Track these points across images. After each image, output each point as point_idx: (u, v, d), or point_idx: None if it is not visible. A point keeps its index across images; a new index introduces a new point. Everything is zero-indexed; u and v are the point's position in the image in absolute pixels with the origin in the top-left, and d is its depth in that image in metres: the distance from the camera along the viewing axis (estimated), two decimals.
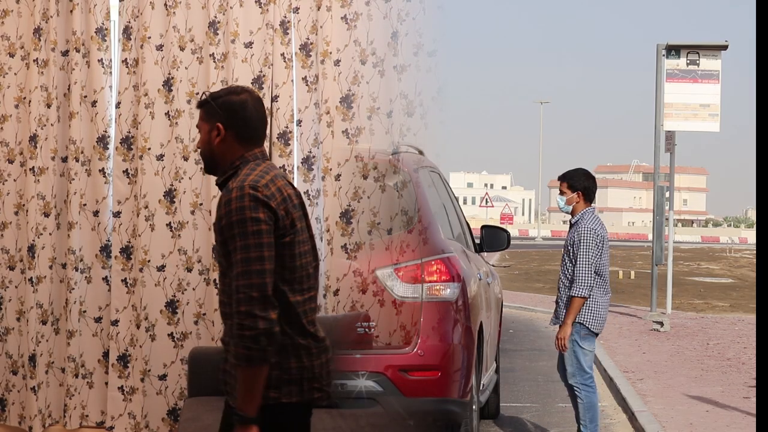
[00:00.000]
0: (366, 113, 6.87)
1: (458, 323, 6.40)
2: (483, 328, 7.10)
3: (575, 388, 7.38)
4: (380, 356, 6.15)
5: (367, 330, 6.17)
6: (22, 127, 7.30)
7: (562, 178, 7.49)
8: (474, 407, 6.70)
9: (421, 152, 7.13)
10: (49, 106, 7.20)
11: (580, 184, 7.39)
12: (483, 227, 8.22)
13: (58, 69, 7.21)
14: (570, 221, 7.51)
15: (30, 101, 7.21)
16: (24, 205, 7.25)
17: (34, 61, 7.19)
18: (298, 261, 3.75)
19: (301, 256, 3.77)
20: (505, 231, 8.25)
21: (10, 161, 7.32)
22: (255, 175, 3.72)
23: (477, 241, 8.23)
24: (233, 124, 3.83)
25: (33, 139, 7.19)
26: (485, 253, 8.53)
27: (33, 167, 7.20)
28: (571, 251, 7.31)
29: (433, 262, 6.33)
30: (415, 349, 6.19)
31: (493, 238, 8.12)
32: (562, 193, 7.44)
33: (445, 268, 6.34)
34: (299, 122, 6.93)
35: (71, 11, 7.13)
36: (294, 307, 3.72)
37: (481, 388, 7.16)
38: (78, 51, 7.14)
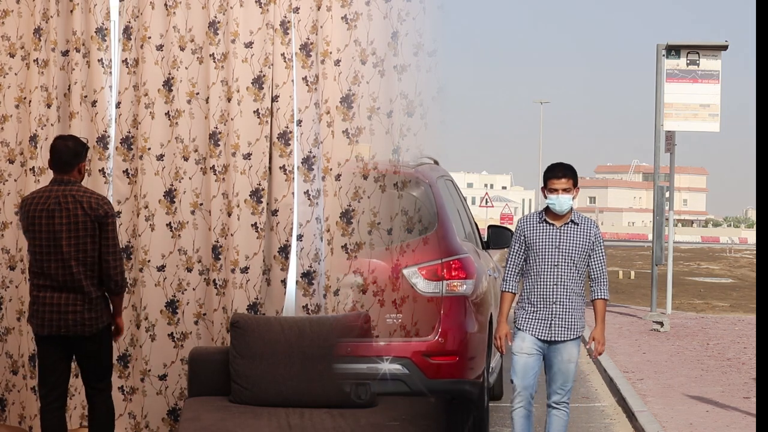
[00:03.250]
0: (366, 113, 6.88)
1: (472, 315, 7.24)
2: (492, 318, 7.67)
3: (564, 405, 6.64)
4: (406, 343, 7.03)
5: (395, 320, 7.05)
6: (22, 127, 7.30)
7: (563, 174, 6.50)
8: (485, 388, 7.52)
9: (436, 162, 7.88)
10: (49, 106, 7.20)
11: (577, 180, 6.59)
12: (489, 227, 8.85)
13: (58, 69, 7.21)
14: (566, 221, 6.57)
15: (30, 101, 7.21)
16: None
17: (34, 61, 7.19)
18: (31, 253, 6.14)
19: (35, 253, 6.09)
20: (510, 230, 8.54)
21: (11, 161, 7.33)
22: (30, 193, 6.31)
23: (484, 239, 8.93)
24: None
25: (33, 139, 7.19)
26: (491, 250, 9.15)
27: (33, 167, 7.20)
28: (581, 254, 6.53)
29: (451, 262, 7.15)
30: (437, 337, 7.08)
31: (498, 237, 8.68)
32: (566, 191, 6.48)
33: (462, 267, 7.15)
34: (299, 122, 6.94)
35: (71, 11, 7.13)
36: (30, 278, 6.17)
37: (489, 371, 7.80)
38: (78, 51, 7.14)
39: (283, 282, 6.96)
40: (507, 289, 6.68)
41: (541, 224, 6.58)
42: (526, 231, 6.60)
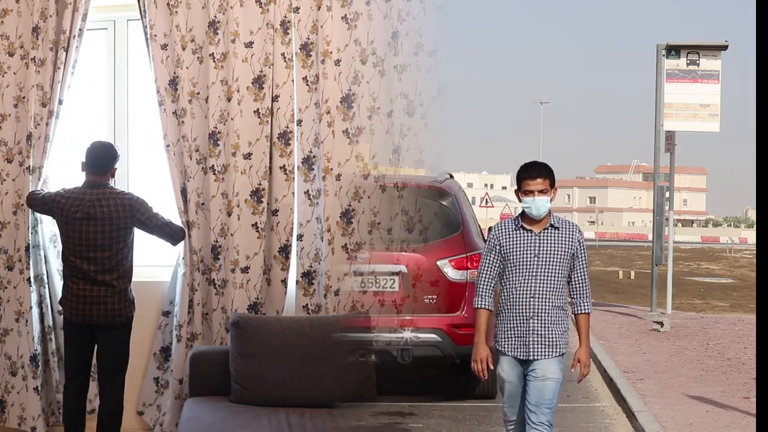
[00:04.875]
0: (366, 113, 6.88)
1: None
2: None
3: (540, 428, 5.91)
4: (440, 318, 9.33)
5: (432, 301, 9.33)
6: (20, 126, 7.27)
7: (538, 173, 5.88)
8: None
9: (451, 176, 10.27)
10: (44, 105, 7.16)
11: (554, 179, 5.98)
12: (489, 228, 9.50)
13: (55, 68, 7.18)
14: (545, 227, 5.94)
15: (27, 100, 7.18)
16: (22, 204, 7.22)
17: (32, 59, 7.17)
18: (68, 243, 6.59)
19: (68, 250, 6.59)
20: None
21: (9, 161, 7.28)
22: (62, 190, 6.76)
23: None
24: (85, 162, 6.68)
25: (29, 138, 7.16)
26: None
27: (30, 166, 7.16)
28: (563, 263, 5.90)
29: (473, 255, 9.40)
30: (463, 313, 9.34)
31: None
32: (543, 192, 5.87)
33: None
34: (300, 122, 6.93)
35: (65, 9, 7.10)
36: (63, 267, 6.73)
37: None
38: (65, 50, 7.10)
39: (284, 282, 6.96)
40: (482, 306, 5.98)
41: (518, 231, 5.95)
42: (502, 239, 5.97)
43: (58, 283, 7.18)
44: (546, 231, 5.91)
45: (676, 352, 13.65)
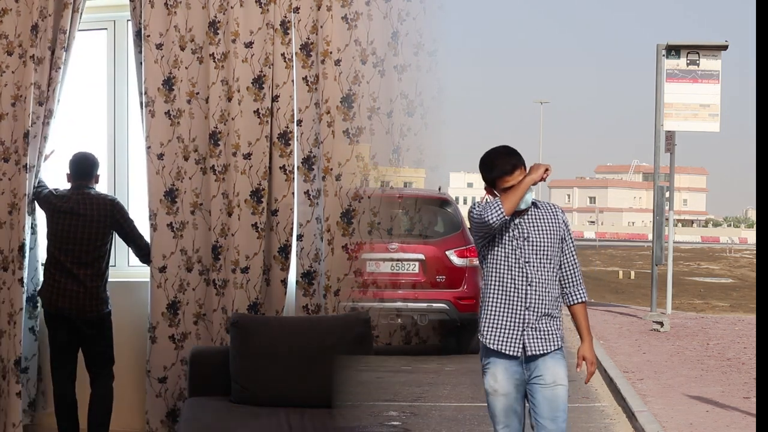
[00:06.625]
0: (366, 113, 6.87)
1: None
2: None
3: None
4: (448, 292, 12.86)
5: (442, 280, 12.82)
6: (17, 125, 7.24)
7: (512, 165, 5.25)
8: None
9: (440, 189, 13.67)
10: (41, 104, 7.15)
11: (523, 159, 5.34)
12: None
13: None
14: (529, 205, 5.30)
15: (25, 98, 7.16)
16: (17, 204, 7.17)
17: (30, 57, 7.14)
18: (51, 235, 6.99)
19: (52, 242, 6.98)
20: None
21: (5, 160, 7.24)
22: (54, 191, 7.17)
23: None
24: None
25: (26, 136, 7.14)
26: None
27: (26, 165, 7.13)
28: (554, 245, 5.26)
29: (471, 247, 12.56)
30: (463, 288, 12.87)
31: None
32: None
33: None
34: (300, 122, 6.93)
35: (64, 9, 7.08)
36: (47, 258, 7.08)
37: None
38: (65, 49, 7.08)
39: (283, 282, 6.96)
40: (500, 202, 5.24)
41: None
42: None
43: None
44: (529, 212, 5.30)
45: (676, 352, 13.65)
